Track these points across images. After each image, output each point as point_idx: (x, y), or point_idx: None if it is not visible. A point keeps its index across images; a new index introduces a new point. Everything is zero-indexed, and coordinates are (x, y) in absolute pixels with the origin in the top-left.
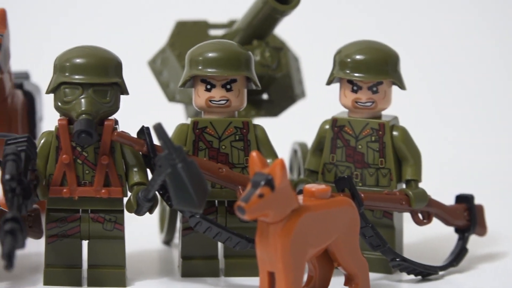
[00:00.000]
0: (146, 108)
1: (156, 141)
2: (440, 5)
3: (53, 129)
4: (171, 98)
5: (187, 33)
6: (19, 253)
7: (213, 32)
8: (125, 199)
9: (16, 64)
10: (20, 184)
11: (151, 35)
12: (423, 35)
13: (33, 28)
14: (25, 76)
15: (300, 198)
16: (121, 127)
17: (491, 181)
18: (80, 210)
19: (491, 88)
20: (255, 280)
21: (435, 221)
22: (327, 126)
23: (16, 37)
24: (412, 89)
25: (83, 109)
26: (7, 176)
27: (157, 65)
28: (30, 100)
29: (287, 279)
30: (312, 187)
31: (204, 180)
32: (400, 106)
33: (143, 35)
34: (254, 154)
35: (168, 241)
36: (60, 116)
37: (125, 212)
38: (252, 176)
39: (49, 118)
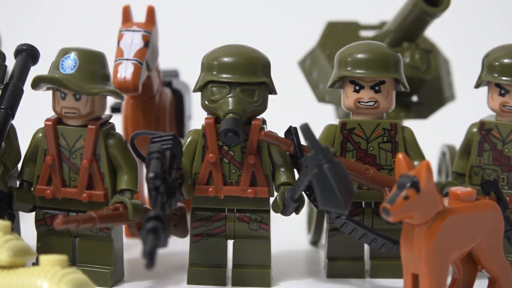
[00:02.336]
0: (295, 108)
1: (303, 141)
2: None
3: (200, 127)
4: (321, 98)
5: (338, 34)
6: (164, 251)
7: (363, 33)
8: (271, 199)
9: (165, 62)
10: (164, 183)
11: (302, 36)
12: None
13: (182, 26)
14: (174, 74)
15: (446, 200)
16: (268, 127)
17: None
18: (226, 209)
19: None
20: (399, 282)
21: None
22: (474, 129)
23: (166, 35)
24: None
25: (230, 108)
26: (151, 174)
27: (307, 65)
28: (178, 98)
29: (431, 281)
30: (457, 189)
31: (350, 181)
32: None
33: (295, 34)
34: (400, 156)
35: (315, 242)
36: (207, 114)
37: (271, 212)
38: (398, 178)
39: (198, 117)
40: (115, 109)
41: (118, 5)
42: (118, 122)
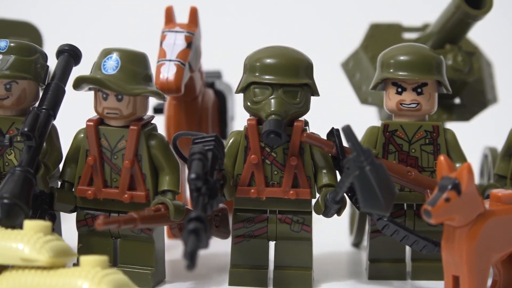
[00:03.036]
0: (337, 109)
1: (345, 143)
2: None
3: (242, 129)
4: (364, 100)
5: (381, 36)
6: (205, 252)
7: (406, 35)
8: (313, 201)
9: (208, 63)
10: (205, 184)
11: (345, 37)
12: None
13: (225, 27)
14: (217, 75)
15: (487, 202)
16: (311, 128)
17: None
18: (268, 210)
19: None
20: (441, 284)
21: None
22: None
23: (209, 36)
24: None
25: (272, 109)
26: (192, 175)
27: (350, 67)
28: (221, 99)
29: (472, 283)
30: (498, 192)
31: (392, 183)
32: None
33: (338, 36)
34: (442, 158)
35: (357, 244)
36: (250, 116)
37: (313, 213)
38: (439, 180)
39: (241, 118)
40: (158, 110)
41: (161, 6)
42: (160, 123)
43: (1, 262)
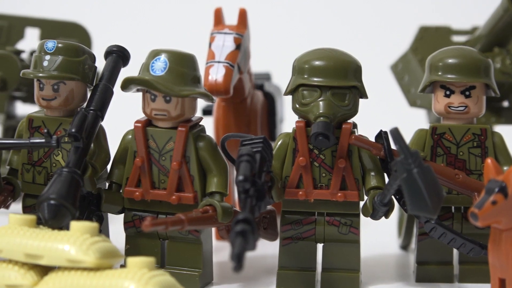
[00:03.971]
0: (386, 112)
1: (393, 145)
2: None
3: (291, 130)
4: (412, 103)
5: (430, 39)
6: (253, 254)
7: (455, 38)
8: (361, 203)
9: (257, 65)
10: (253, 186)
11: (394, 40)
12: None
13: (274, 28)
14: (266, 77)
15: None
16: (359, 131)
17: None
18: (316, 213)
19: None
20: (488, 287)
21: None
22: None
23: (258, 37)
24: None
25: (321, 111)
26: (240, 177)
27: (399, 69)
28: (270, 101)
29: None
30: None
31: (440, 185)
32: None
33: (387, 38)
34: (489, 161)
35: (405, 246)
36: (298, 118)
37: (361, 216)
38: (486, 182)
39: (290, 120)
40: (207, 111)
41: (210, 7)
42: (209, 124)
43: (47, 263)
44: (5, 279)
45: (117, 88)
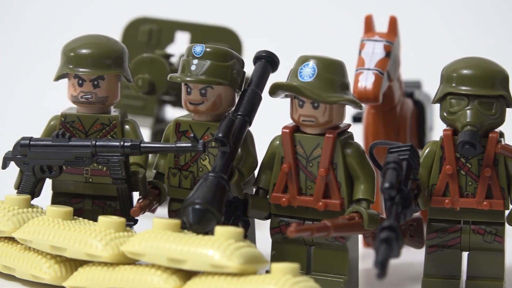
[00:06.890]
0: None
1: None
2: None
3: (438, 139)
4: None
5: None
6: (399, 261)
7: None
8: (506, 212)
9: (408, 73)
10: (399, 193)
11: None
12: None
13: (425, 36)
14: (417, 85)
15: None
16: (506, 140)
17: None
18: (462, 221)
19: None
20: None
21: None
22: None
23: (409, 45)
24: None
25: (468, 120)
26: (386, 185)
27: None
28: (420, 109)
29: None
30: None
31: None
32: None
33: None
34: None
35: None
36: (446, 126)
37: (506, 224)
38: None
39: (439, 128)
40: (357, 118)
41: (361, 14)
42: (359, 131)
43: (190, 268)
44: (148, 283)
45: (265, 93)
